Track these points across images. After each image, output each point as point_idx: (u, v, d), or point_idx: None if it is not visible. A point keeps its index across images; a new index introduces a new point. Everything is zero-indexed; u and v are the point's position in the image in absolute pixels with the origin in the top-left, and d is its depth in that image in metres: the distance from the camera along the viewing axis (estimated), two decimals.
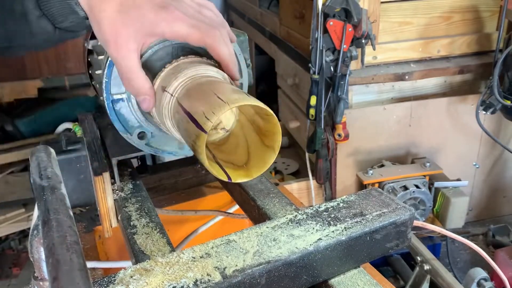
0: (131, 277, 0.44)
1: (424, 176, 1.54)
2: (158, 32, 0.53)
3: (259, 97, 1.11)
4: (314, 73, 1.43)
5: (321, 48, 1.40)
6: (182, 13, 0.53)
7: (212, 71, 0.55)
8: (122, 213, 0.64)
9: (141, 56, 0.55)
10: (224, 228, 0.98)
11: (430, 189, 1.54)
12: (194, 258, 0.47)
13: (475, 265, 1.40)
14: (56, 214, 0.36)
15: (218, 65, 0.57)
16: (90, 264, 0.84)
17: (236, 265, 0.46)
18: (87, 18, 0.54)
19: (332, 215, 0.54)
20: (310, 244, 0.49)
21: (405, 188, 1.51)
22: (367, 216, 0.54)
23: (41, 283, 0.47)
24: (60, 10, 0.53)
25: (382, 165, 1.60)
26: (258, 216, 0.65)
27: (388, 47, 1.61)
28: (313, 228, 0.52)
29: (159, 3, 0.52)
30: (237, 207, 0.97)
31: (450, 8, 1.63)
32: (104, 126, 0.76)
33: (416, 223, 0.57)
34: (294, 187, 1.68)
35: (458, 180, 1.56)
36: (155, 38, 0.55)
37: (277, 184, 1.03)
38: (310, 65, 1.44)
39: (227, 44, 0.56)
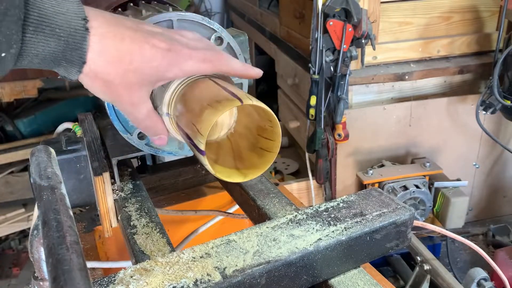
0: (131, 277, 0.44)
1: (424, 176, 1.54)
2: (170, 77, 0.51)
3: (259, 97, 1.11)
4: (314, 73, 1.43)
5: (321, 48, 1.40)
6: (188, 48, 0.51)
7: None
8: (122, 213, 0.64)
9: None
10: (224, 228, 0.98)
11: (430, 189, 1.54)
12: (194, 258, 0.47)
13: (475, 265, 1.39)
14: (56, 214, 0.36)
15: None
16: (90, 264, 0.83)
17: (236, 265, 0.46)
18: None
19: (332, 215, 0.54)
20: (310, 244, 0.49)
21: (405, 188, 1.50)
22: (367, 216, 0.54)
23: (41, 283, 0.47)
24: None
25: (382, 165, 1.60)
26: (258, 216, 0.65)
27: (388, 47, 1.61)
28: (313, 228, 0.52)
29: (165, 47, 0.49)
30: (237, 207, 0.97)
31: (450, 8, 1.63)
32: (104, 126, 0.76)
33: (416, 223, 0.57)
34: (294, 187, 1.68)
35: (458, 180, 1.56)
36: (166, 81, 0.53)
37: (277, 184, 1.03)
38: (310, 65, 1.44)
39: (232, 57, 0.55)
